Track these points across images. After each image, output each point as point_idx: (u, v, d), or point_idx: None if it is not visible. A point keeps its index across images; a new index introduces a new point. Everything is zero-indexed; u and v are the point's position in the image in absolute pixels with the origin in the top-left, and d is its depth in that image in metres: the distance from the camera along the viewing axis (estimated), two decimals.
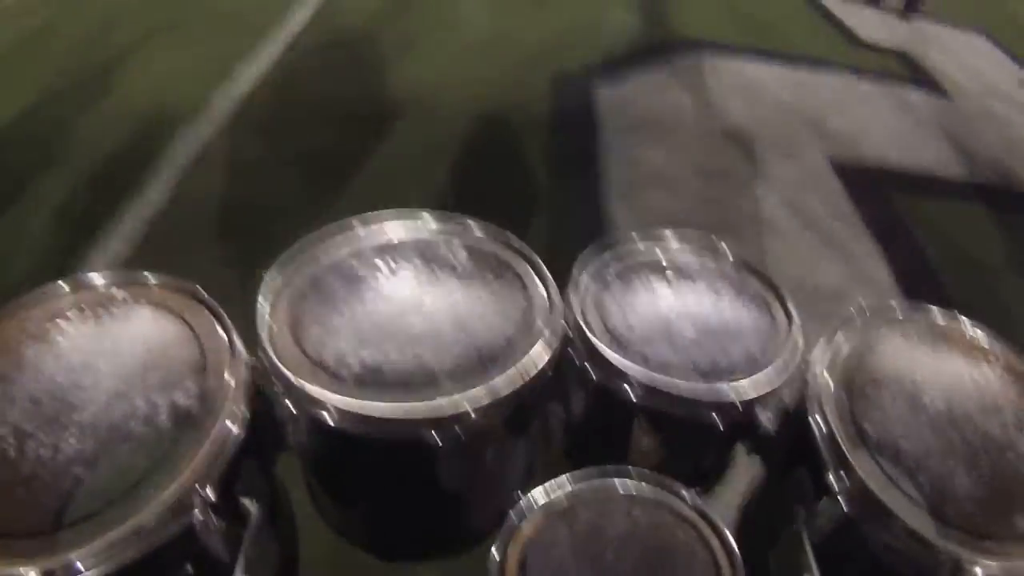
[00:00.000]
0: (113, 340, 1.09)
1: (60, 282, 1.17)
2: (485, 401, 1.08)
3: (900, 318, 1.26)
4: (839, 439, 1.04)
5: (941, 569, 0.91)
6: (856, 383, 1.14)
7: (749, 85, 3.70)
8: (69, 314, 1.13)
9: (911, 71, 4.08)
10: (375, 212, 1.37)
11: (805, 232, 2.74)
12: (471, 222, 1.39)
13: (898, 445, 1.04)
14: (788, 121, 3.44)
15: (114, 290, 1.18)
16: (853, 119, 3.54)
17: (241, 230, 2.43)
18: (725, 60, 3.91)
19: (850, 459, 1.01)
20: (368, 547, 1.36)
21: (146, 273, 1.20)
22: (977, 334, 1.24)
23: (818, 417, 1.09)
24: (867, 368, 1.16)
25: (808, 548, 1.01)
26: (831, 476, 1.03)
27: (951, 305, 1.31)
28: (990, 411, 1.08)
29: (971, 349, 1.20)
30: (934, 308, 1.28)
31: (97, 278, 1.19)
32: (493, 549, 1.02)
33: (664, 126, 3.25)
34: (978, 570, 0.90)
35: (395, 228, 1.37)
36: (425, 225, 1.38)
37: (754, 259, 1.42)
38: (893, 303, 1.28)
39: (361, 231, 1.35)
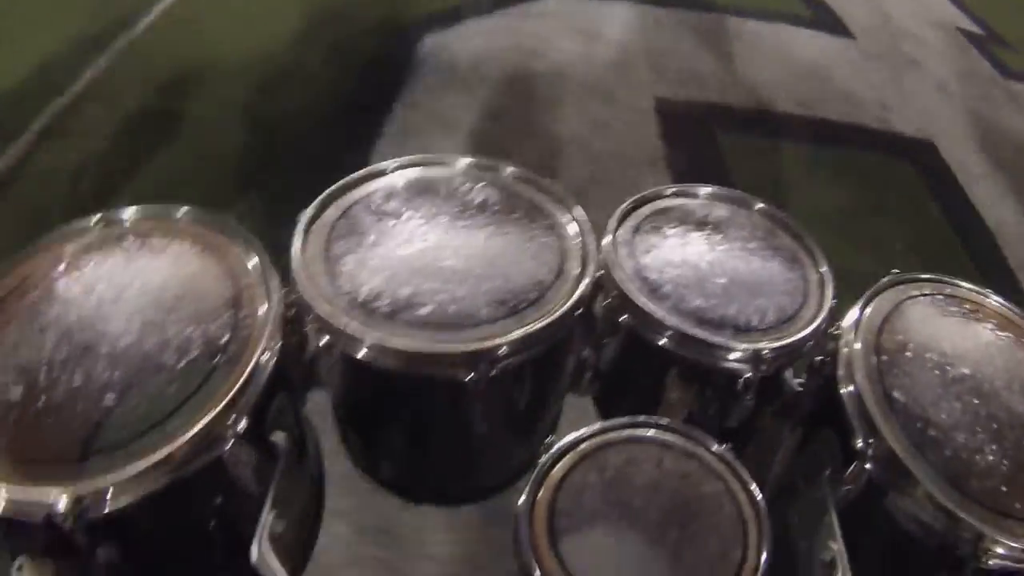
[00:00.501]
0: (146, 272, 1.05)
1: (92, 216, 1.13)
2: (515, 337, 1.07)
3: (931, 288, 1.26)
4: (867, 404, 1.06)
5: (962, 542, 0.95)
6: (887, 349, 1.15)
7: (595, 28, 3.37)
8: (101, 247, 1.08)
9: (815, 11, 3.77)
10: (409, 156, 1.33)
11: (589, 168, 2.57)
12: (506, 165, 1.36)
13: (926, 414, 1.06)
14: (625, 63, 3.17)
15: (147, 223, 1.14)
16: (715, 61, 3.24)
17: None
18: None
19: (878, 424, 1.03)
20: (396, 488, 1.38)
21: (179, 207, 1.16)
22: (1008, 311, 1.25)
23: (847, 381, 1.11)
24: (898, 336, 1.17)
25: (832, 510, 1.05)
26: (859, 440, 1.05)
27: None
28: (1018, 389, 1.11)
29: (1001, 324, 1.22)
30: (964, 282, 1.29)
31: (129, 211, 1.15)
32: (523, 493, 1.03)
33: (478, 71, 2.99)
34: (999, 549, 0.93)
35: (429, 171, 1.34)
36: (459, 167, 1.35)
37: None
38: (924, 275, 1.28)
39: (395, 173, 1.32)
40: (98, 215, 1.14)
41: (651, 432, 1.12)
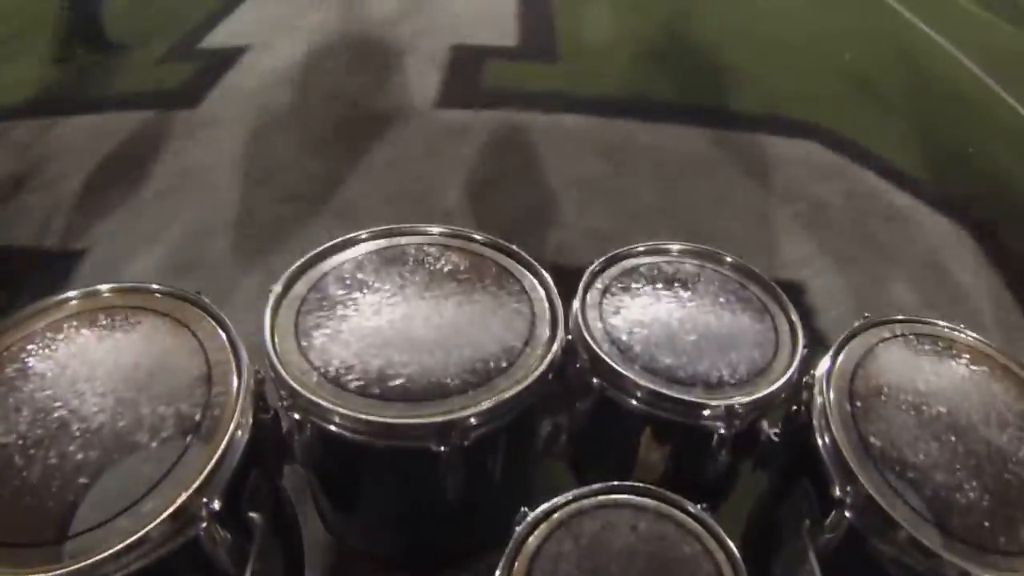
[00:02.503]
0: (119, 350, 1.10)
1: (66, 293, 1.18)
2: (487, 407, 1.08)
3: (904, 329, 1.25)
4: (844, 451, 1.04)
5: None
6: (861, 394, 1.13)
7: None
8: (75, 324, 1.13)
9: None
10: (379, 227, 1.39)
11: None
12: (475, 234, 1.41)
13: (904, 457, 1.04)
14: None
15: (119, 300, 1.18)
16: None
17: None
18: None
19: (855, 471, 1.01)
20: (373, 557, 1.36)
21: (151, 284, 1.21)
22: (981, 344, 1.23)
23: (823, 429, 1.09)
24: (872, 379, 1.16)
25: (813, 560, 1.01)
26: (836, 488, 1.02)
27: None
28: (995, 422, 1.08)
29: (976, 360, 1.20)
30: (938, 321, 1.27)
31: (102, 288, 1.20)
32: (499, 565, 1.01)
33: None
34: None
35: (399, 240, 1.39)
36: (429, 237, 1.40)
37: None
38: (898, 315, 1.28)
39: (365, 243, 1.37)
40: (71, 291, 1.18)
41: (625, 496, 1.10)
